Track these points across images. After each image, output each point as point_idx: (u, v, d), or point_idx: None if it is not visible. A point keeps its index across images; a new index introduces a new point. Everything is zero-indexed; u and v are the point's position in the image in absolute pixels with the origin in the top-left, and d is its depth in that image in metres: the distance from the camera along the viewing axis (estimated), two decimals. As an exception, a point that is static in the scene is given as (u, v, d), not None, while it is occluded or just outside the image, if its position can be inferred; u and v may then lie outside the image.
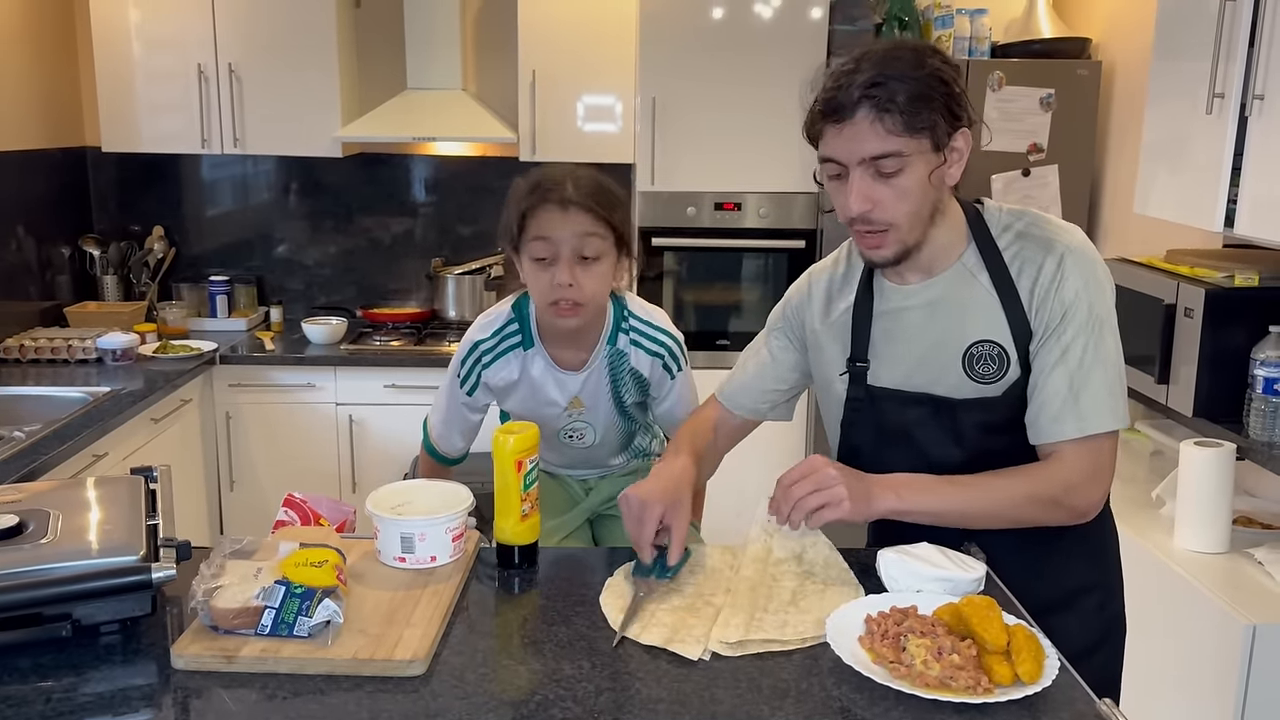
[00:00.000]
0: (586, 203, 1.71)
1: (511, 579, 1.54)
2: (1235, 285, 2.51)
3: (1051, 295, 1.46)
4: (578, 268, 1.72)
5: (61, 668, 1.25)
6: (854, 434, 1.63)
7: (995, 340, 1.49)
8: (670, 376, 1.92)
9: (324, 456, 3.84)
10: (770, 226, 3.76)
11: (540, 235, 1.72)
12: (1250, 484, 2.71)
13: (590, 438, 1.97)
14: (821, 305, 1.66)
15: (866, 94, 1.37)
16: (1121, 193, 3.48)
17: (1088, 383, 1.44)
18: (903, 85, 1.37)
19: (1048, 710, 1.17)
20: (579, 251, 1.72)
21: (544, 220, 1.71)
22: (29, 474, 2.53)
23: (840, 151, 1.43)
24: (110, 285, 4.13)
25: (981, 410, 1.51)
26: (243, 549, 1.44)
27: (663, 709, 1.18)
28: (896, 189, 1.42)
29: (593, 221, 1.72)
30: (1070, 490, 1.46)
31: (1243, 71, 2.34)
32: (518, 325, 1.88)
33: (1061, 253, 1.47)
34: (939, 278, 1.53)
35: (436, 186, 4.31)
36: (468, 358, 1.90)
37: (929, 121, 1.39)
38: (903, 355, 1.56)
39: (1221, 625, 2.15)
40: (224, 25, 3.81)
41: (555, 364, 1.88)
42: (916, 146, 1.40)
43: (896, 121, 1.38)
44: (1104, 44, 3.68)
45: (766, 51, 3.64)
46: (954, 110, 1.41)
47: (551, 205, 1.71)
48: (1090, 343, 1.45)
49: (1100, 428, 1.45)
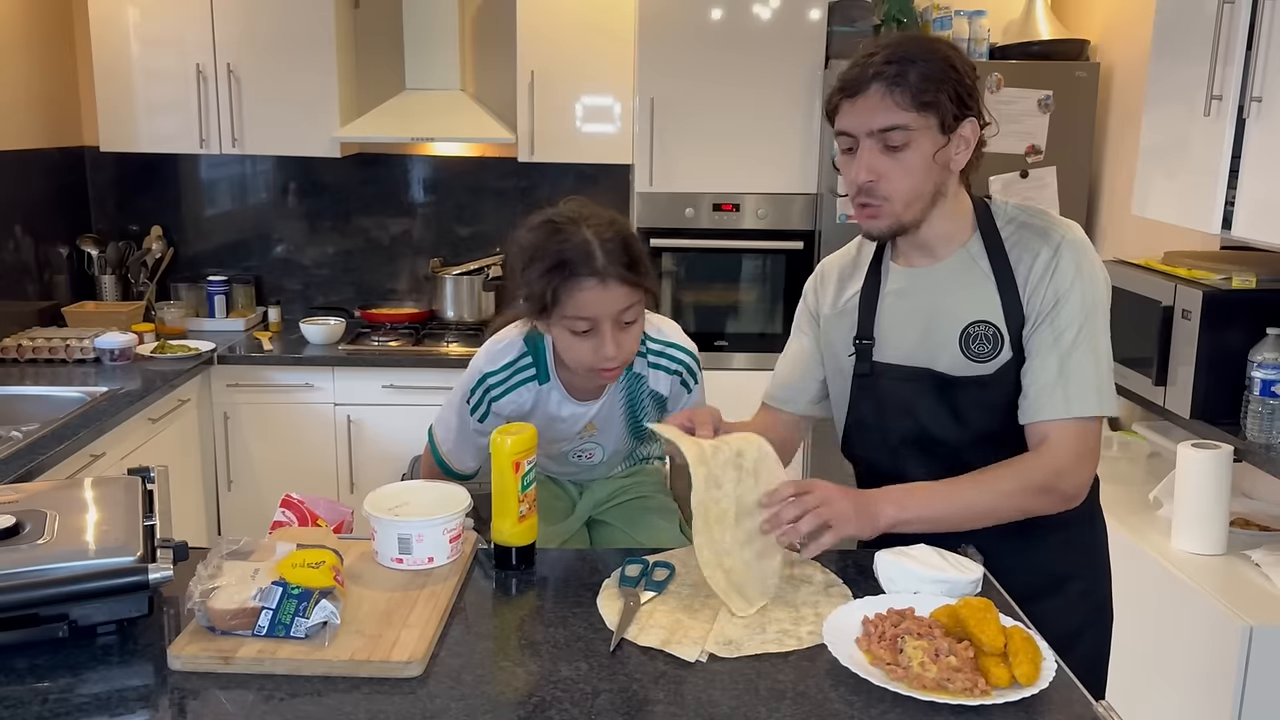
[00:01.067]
0: (624, 274, 1.62)
1: (509, 580, 1.54)
2: (1233, 287, 2.51)
3: (1046, 282, 1.53)
4: (620, 334, 1.66)
5: (58, 668, 1.25)
6: (860, 407, 1.68)
7: (991, 321, 1.56)
8: (687, 391, 1.89)
9: (322, 457, 3.83)
10: (769, 228, 3.76)
11: (581, 314, 1.63)
12: (1247, 486, 2.71)
13: (599, 456, 1.96)
14: (833, 294, 1.74)
15: (880, 70, 1.48)
16: (1119, 194, 3.48)
17: (1078, 367, 1.51)
18: (914, 65, 1.48)
19: (1045, 712, 1.17)
20: (621, 321, 1.66)
21: (583, 300, 1.61)
22: (26, 474, 2.53)
23: (852, 124, 1.52)
24: (108, 285, 4.12)
25: (976, 388, 1.56)
26: (240, 550, 1.44)
27: (660, 711, 1.18)
28: (901, 164, 1.51)
29: (631, 293, 1.65)
30: (1059, 474, 1.51)
31: (1241, 74, 2.34)
32: (531, 360, 1.81)
33: (1058, 242, 1.54)
34: (944, 262, 1.61)
35: (435, 187, 4.31)
36: (477, 388, 1.82)
37: (936, 100, 1.48)
38: (905, 333, 1.62)
39: (1219, 627, 2.15)
40: (222, 25, 3.81)
41: (571, 397, 1.83)
42: (923, 123, 1.49)
43: (905, 96, 1.47)
44: (1102, 46, 3.68)
45: (765, 53, 3.64)
46: (963, 97, 1.50)
47: (588, 282, 1.60)
48: (1082, 330, 1.51)
49: (1086, 411, 1.51)
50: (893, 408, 1.63)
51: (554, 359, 1.81)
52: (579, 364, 1.71)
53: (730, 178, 3.74)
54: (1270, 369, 2.40)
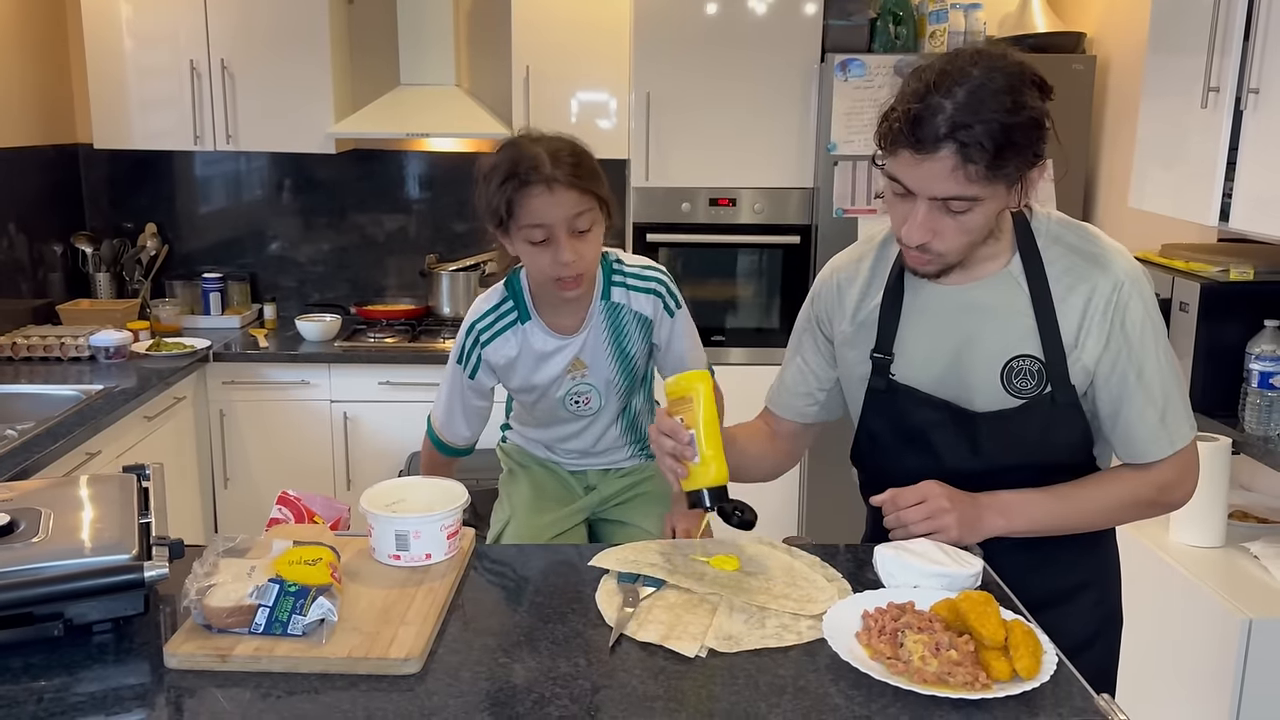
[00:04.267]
0: (572, 180, 1.72)
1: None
2: (1230, 279, 2.51)
3: (1110, 319, 1.47)
4: (575, 241, 1.75)
5: (54, 667, 1.24)
6: (873, 422, 1.63)
7: (1033, 355, 1.49)
8: (670, 315, 1.94)
9: (318, 454, 3.82)
10: (765, 222, 3.76)
11: (533, 222, 1.73)
12: (1246, 478, 2.71)
13: (595, 402, 1.98)
14: (852, 308, 1.63)
15: (953, 135, 1.31)
16: (1116, 187, 3.48)
17: (1169, 405, 1.50)
18: (992, 131, 1.30)
19: (1045, 705, 1.17)
20: (574, 228, 1.74)
21: (534, 206, 1.72)
22: (21, 473, 2.52)
23: (913, 182, 1.38)
24: (103, 283, 4.11)
25: (999, 420, 1.51)
26: (236, 547, 1.43)
27: (659, 706, 1.17)
28: (961, 224, 1.40)
29: (581, 198, 1.74)
30: (1165, 489, 1.53)
31: (1237, 65, 2.33)
32: (512, 302, 1.91)
33: (1121, 280, 1.47)
34: (982, 282, 1.51)
35: (430, 183, 4.30)
36: (465, 339, 1.93)
37: (1012, 169, 1.35)
38: (933, 356, 1.54)
39: (1218, 619, 2.15)
40: (216, 21, 3.79)
41: (553, 332, 1.90)
42: (992, 191, 1.37)
43: (979, 171, 1.32)
44: (1098, 39, 3.67)
45: (761, 47, 3.64)
46: (1038, 151, 1.37)
47: (538, 188, 1.71)
48: (1162, 366, 1.49)
49: (1186, 440, 1.52)
50: (907, 431, 1.57)
51: (531, 297, 1.89)
52: (542, 277, 1.78)
53: (726, 172, 3.73)
54: (1268, 361, 2.40)
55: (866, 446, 1.65)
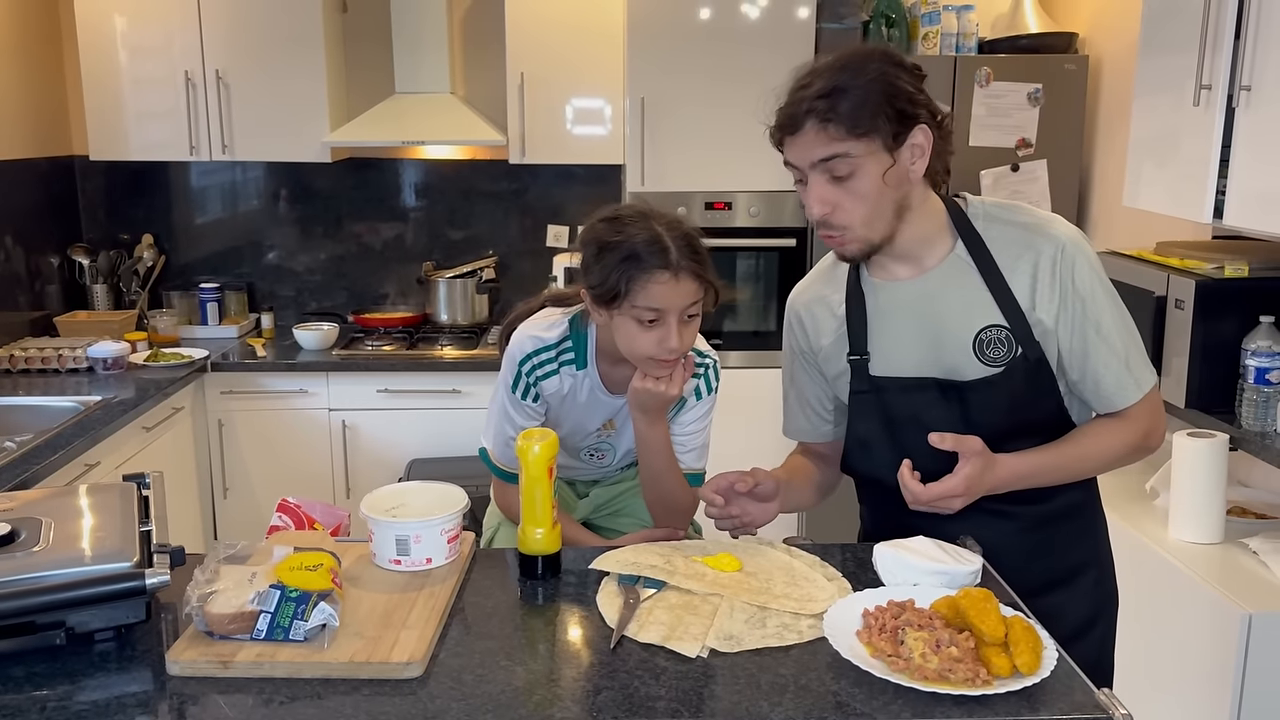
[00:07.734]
0: (694, 268, 1.68)
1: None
2: (1225, 276, 2.52)
3: (1062, 282, 1.54)
4: (683, 327, 1.70)
5: (56, 676, 1.24)
6: (860, 426, 1.66)
7: (998, 324, 1.55)
8: (698, 397, 1.88)
9: (317, 462, 3.82)
10: (761, 225, 3.76)
11: (650, 305, 1.67)
12: (1243, 474, 2.72)
13: (610, 459, 1.97)
14: (824, 322, 1.70)
15: (812, 106, 1.47)
16: (1110, 186, 3.49)
17: (1130, 353, 1.58)
18: (845, 95, 1.45)
19: (1046, 701, 1.17)
20: (685, 314, 1.70)
21: (654, 292, 1.65)
22: (21, 484, 2.52)
23: (795, 157, 1.53)
24: (100, 294, 4.11)
25: (986, 388, 1.56)
26: (237, 554, 1.44)
27: (662, 707, 1.17)
28: (852, 193, 1.49)
29: (698, 289, 1.70)
30: (1148, 434, 1.62)
31: (1229, 63, 2.34)
32: (572, 343, 1.84)
33: (1063, 242, 1.55)
34: (932, 271, 1.58)
35: (426, 190, 4.30)
36: (524, 364, 1.83)
37: (873, 125, 1.45)
38: (910, 348, 1.60)
39: (1217, 615, 2.15)
40: (210, 31, 3.80)
41: (604, 387, 1.85)
42: (865, 148, 1.46)
43: (840, 128, 1.46)
44: (1091, 38, 3.69)
45: (754, 51, 3.64)
46: (904, 111, 1.47)
47: (663, 274, 1.65)
48: (1115, 317, 1.57)
49: (1150, 384, 1.61)
50: (900, 420, 1.61)
51: (594, 350, 1.84)
52: (639, 354, 1.72)
53: (722, 176, 3.74)
54: (1264, 357, 2.41)
55: (856, 451, 1.68)
